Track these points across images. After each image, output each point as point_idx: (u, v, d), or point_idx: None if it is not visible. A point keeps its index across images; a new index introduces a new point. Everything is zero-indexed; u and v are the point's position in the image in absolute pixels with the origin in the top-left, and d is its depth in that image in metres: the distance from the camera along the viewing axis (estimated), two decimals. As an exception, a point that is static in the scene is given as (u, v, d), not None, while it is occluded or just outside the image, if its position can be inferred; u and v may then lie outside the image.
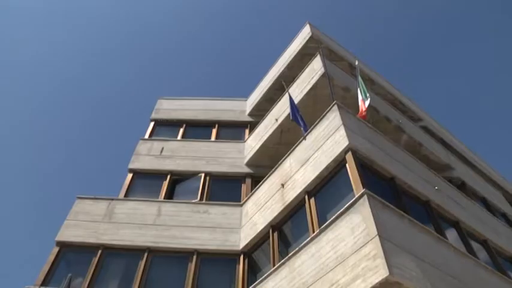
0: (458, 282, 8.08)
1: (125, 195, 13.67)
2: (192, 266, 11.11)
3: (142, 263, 11.12)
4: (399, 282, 6.52)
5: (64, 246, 11.66)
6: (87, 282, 10.61)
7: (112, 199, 13.13)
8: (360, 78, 12.38)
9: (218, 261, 11.52)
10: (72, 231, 11.96)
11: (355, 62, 14.28)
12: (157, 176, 14.64)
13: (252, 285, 9.95)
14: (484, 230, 12.14)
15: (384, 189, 9.37)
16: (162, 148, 15.66)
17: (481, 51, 59.89)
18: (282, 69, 16.57)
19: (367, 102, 11.63)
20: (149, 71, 61.36)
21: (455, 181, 15.59)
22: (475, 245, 11.09)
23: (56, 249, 11.52)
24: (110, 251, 11.55)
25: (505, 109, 61.70)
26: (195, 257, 11.34)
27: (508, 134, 61.38)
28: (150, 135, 16.91)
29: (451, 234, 10.56)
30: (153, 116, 17.95)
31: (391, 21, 60.01)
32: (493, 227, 13.21)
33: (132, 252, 11.47)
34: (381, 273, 6.47)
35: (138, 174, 14.70)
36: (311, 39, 15.80)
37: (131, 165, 14.95)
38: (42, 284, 10.53)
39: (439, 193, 11.36)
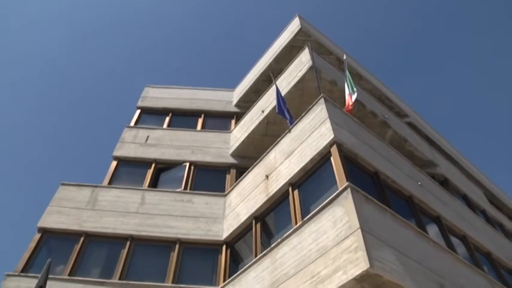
0: (437, 276, 8.20)
1: (109, 183, 13.59)
2: (174, 255, 11.12)
3: (124, 251, 11.09)
4: (379, 275, 6.58)
5: (46, 232, 11.58)
6: (69, 270, 10.56)
7: (96, 186, 13.04)
8: (347, 73, 12.42)
9: (200, 250, 11.53)
10: (55, 218, 11.86)
11: (343, 56, 14.30)
12: (141, 164, 14.57)
13: (234, 276, 9.98)
14: (463, 226, 12.32)
15: (368, 183, 9.43)
16: (148, 136, 15.56)
17: (471, 48, 60.46)
18: (270, 61, 16.53)
19: (354, 97, 11.67)
20: (138, 59, 60.81)
21: (438, 177, 15.79)
22: (454, 241, 11.26)
23: (37, 236, 11.43)
24: (93, 239, 11.51)
25: (490, 108, 62.47)
26: (177, 246, 11.35)
27: (493, 132, 62.24)
28: (136, 123, 16.79)
29: (432, 229, 10.70)
30: (140, 103, 17.82)
31: (381, 17, 60.21)
32: (472, 224, 13.42)
33: (115, 240, 11.43)
34: (362, 265, 6.53)
35: (122, 161, 14.62)
36: (300, 32, 15.77)
37: (116, 153, 14.85)
38: (22, 271, 10.45)
39: (421, 189, 11.49)
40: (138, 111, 17.47)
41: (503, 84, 60.04)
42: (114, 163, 14.51)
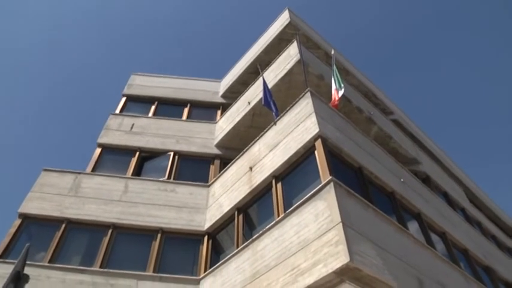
0: (416, 271, 8.33)
1: (92, 170, 13.45)
2: (156, 244, 11.09)
3: (106, 239, 11.02)
4: (359, 269, 6.66)
5: (27, 218, 11.46)
6: (49, 257, 10.46)
7: (79, 173, 12.90)
8: (335, 68, 12.44)
9: (182, 240, 11.51)
10: (36, 204, 11.73)
11: (331, 51, 14.31)
12: (126, 152, 14.46)
13: (215, 266, 10.00)
14: (443, 223, 12.51)
15: (351, 178, 9.50)
16: (133, 124, 15.43)
17: (461, 46, 61.04)
18: (259, 53, 16.48)
19: (341, 92, 11.71)
20: (125, 47, 60.15)
21: (420, 175, 15.97)
22: (434, 237, 11.44)
23: (18, 222, 11.30)
24: (74, 226, 11.41)
25: (475, 107, 63.26)
26: (159, 235, 11.32)
27: (476, 130, 63.10)
28: (121, 110, 16.61)
29: (413, 225, 10.85)
30: (126, 91, 17.63)
31: (369, 14, 60.39)
32: (451, 221, 13.64)
33: (97, 228, 11.35)
34: (342, 259, 6.60)
35: (106, 149, 14.48)
36: (289, 25, 15.73)
37: (100, 140, 14.70)
38: (1, 257, 10.32)
39: (404, 185, 11.62)
40: (124, 99, 17.28)
41: (498, 82, 60.81)
42: (98, 150, 14.36)
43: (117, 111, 16.48)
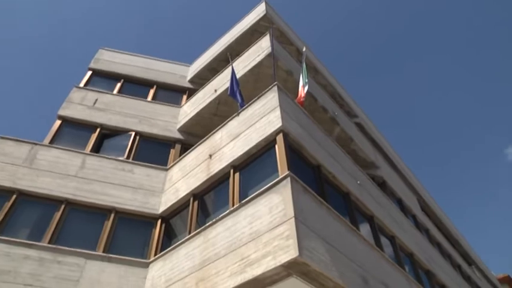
0: (362, 270, 8.53)
1: (50, 142, 12.98)
2: (108, 224, 10.90)
3: (58, 215, 10.72)
4: (307, 264, 6.75)
5: (-25, 186, 10.99)
6: (-4, 228, 10.09)
7: (35, 144, 12.44)
8: (304, 65, 12.51)
9: (135, 222, 11.34)
10: (-13, 172, 11.27)
11: (303, 48, 14.38)
12: (86, 127, 14.04)
13: (165, 251, 9.93)
14: (394, 227, 12.87)
15: (309, 175, 9.59)
16: (96, 100, 15.02)
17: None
18: (231, 42, 16.36)
19: (306, 88, 11.80)
20: (96, 22, 58.58)
21: (377, 179, 16.33)
22: (383, 240, 11.74)
23: (-35, 190, 10.83)
24: (25, 198, 11.01)
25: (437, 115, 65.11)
26: (112, 215, 11.12)
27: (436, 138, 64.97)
28: (86, 84, 16.04)
29: (364, 227, 11.09)
30: (92, 65, 17.07)
31: (346, 16, 61.07)
32: (402, 226, 14.04)
33: (49, 202, 11.02)
34: (291, 253, 6.67)
35: (67, 122, 14.00)
36: (264, 18, 15.66)
37: (61, 112, 14.20)
38: None
39: (360, 188, 11.85)
40: (90, 73, 16.72)
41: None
42: (58, 122, 13.88)
43: (81, 84, 15.92)
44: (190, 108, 15.06)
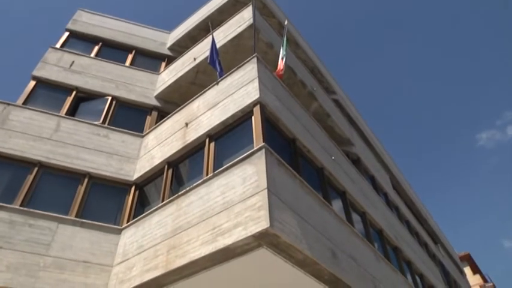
0: (332, 244, 8.70)
1: (24, 103, 12.61)
2: (81, 189, 10.78)
3: (30, 177, 10.53)
4: (277, 235, 6.84)
5: None
6: (-37, 189, 9.88)
7: (8, 104, 12.05)
8: (285, 38, 12.42)
9: (109, 188, 11.24)
10: (-43, 130, 10.96)
11: (285, 21, 14.25)
12: (62, 89, 13.65)
13: (138, 218, 9.92)
14: (365, 203, 13.12)
15: (284, 148, 9.63)
16: (73, 62, 14.60)
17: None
18: (213, 10, 16.08)
19: (285, 59, 11.77)
20: (73, -18, 56.62)
21: (352, 156, 16.55)
22: (354, 216, 11.97)
23: None
24: (-3, 159, 10.78)
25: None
26: (86, 180, 11.00)
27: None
28: (62, 45, 15.53)
29: (336, 202, 11.26)
30: (69, 26, 16.51)
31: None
32: (373, 203, 14.33)
33: (21, 164, 10.79)
34: (262, 224, 6.74)
35: (41, 83, 13.58)
36: (248, -13, 15.41)
37: (36, 73, 13.75)
38: None
39: (334, 163, 11.98)
40: (67, 34, 16.18)
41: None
42: (33, 83, 13.46)
43: (58, 45, 15.42)
44: (168, 75, 14.85)
